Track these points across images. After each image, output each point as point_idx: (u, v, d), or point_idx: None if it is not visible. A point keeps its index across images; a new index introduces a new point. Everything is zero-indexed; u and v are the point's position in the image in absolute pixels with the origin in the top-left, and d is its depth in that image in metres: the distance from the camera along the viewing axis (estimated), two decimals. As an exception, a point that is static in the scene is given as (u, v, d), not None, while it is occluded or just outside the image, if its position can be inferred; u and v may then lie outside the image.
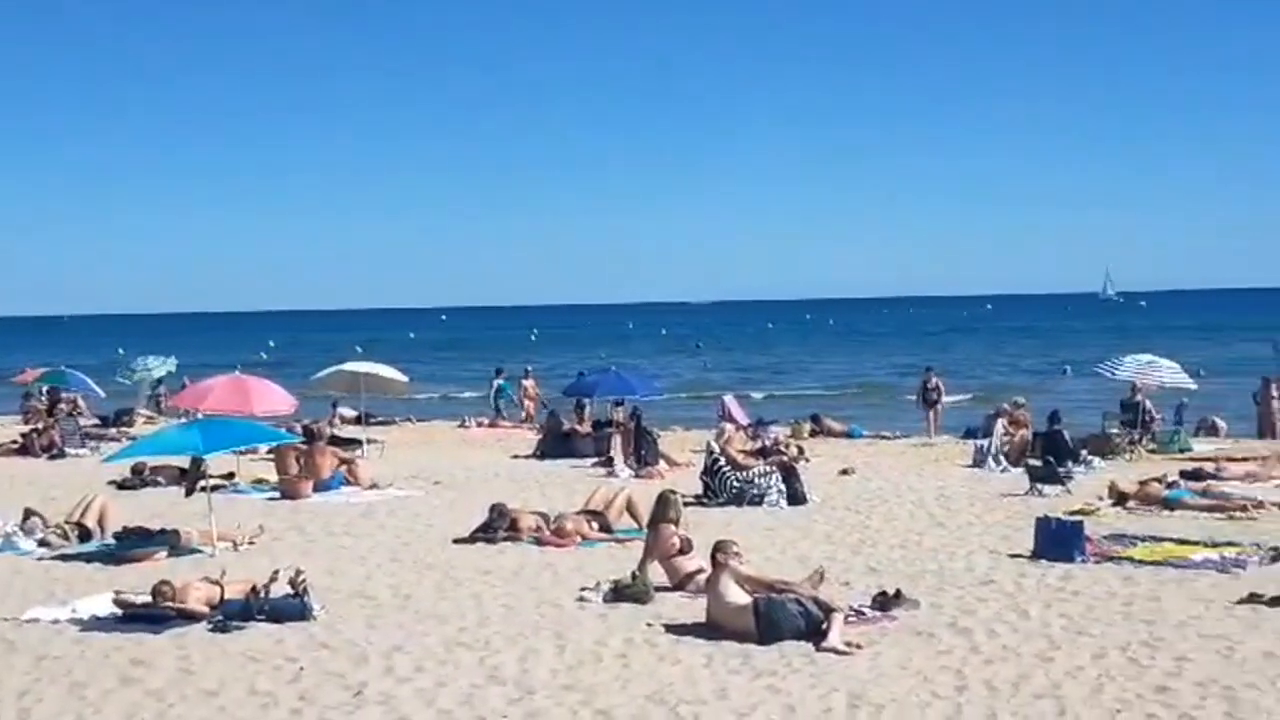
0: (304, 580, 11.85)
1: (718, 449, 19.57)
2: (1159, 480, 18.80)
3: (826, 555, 14.53)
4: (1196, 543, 14.82)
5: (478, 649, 10.69)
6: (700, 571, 12.33)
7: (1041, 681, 9.54)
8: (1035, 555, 14.22)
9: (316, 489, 20.17)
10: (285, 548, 15.55)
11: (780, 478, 18.87)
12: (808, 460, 23.59)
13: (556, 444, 26.21)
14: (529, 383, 33.96)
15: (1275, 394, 27.75)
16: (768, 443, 24.38)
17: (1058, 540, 14.24)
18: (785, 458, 20.54)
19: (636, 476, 22.02)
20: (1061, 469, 20.55)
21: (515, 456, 26.34)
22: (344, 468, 21.10)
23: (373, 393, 29.77)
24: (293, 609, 11.59)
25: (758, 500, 18.46)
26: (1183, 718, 8.67)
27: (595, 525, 15.88)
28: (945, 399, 32.52)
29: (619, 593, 12.27)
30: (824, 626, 10.59)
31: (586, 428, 27.41)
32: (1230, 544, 14.69)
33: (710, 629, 11.07)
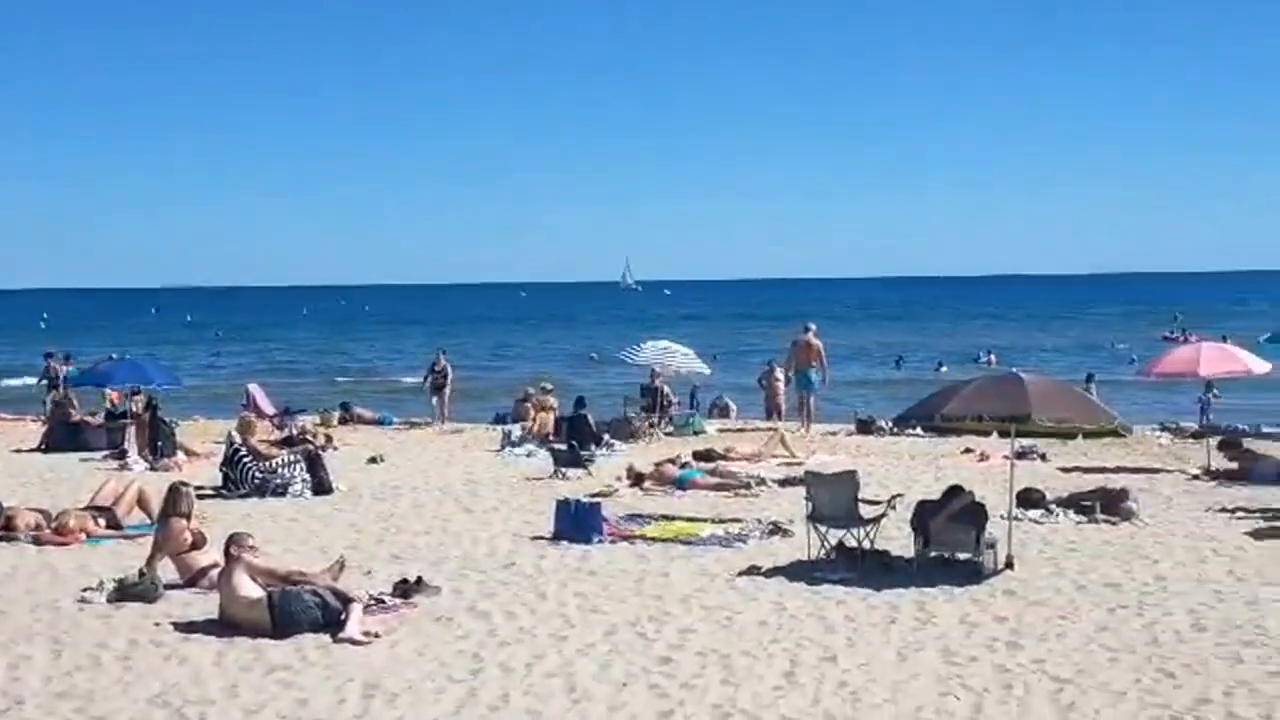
0: None
1: (239, 439, 18.89)
2: (673, 461, 19.72)
3: (350, 544, 14.33)
4: (705, 520, 15.62)
5: (-41, 660, 9.81)
6: (214, 566, 11.86)
7: (555, 660, 9.76)
8: (556, 537, 14.58)
9: None
10: None
11: (305, 467, 18.47)
12: (336, 449, 23.26)
13: (64, 435, 24.53)
14: None
15: (779, 378, 29.66)
16: (294, 431, 23.85)
17: (577, 522, 14.65)
18: (311, 447, 20.08)
19: (152, 469, 20.96)
20: (585, 452, 21.20)
21: (17, 450, 24.44)
22: None
23: None
24: None
25: (281, 491, 17.97)
26: (683, 686, 9.08)
27: (102, 521, 14.95)
28: (454, 386, 31.57)
29: (124, 591, 11.60)
30: (342, 617, 10.43)
31: (99, 418, 25.82)
32: (734, 520, 15.58)
33: (223, 625, 10.66)
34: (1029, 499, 15.95)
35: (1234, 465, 19.45)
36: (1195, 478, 19.21)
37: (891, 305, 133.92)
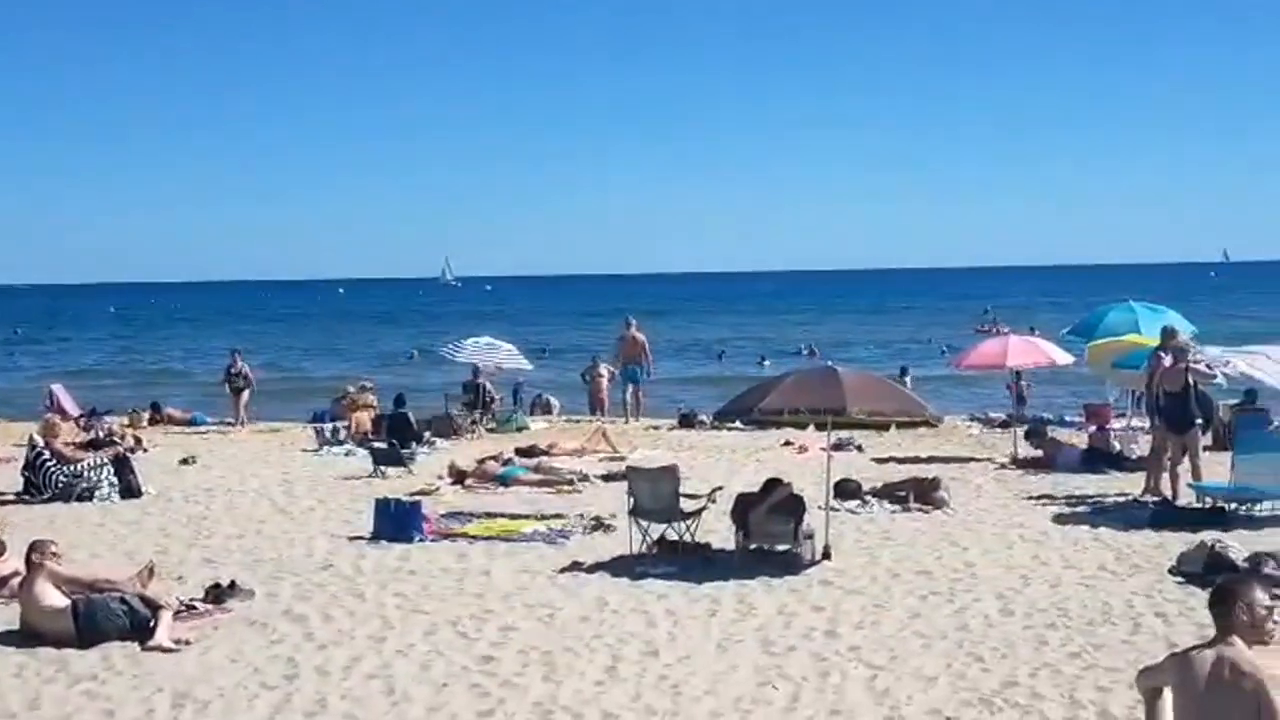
0: None
1: (41, 441, 18.19)
2: (495, 458, 19.61)
3: (160, 549, 13.93)
4: (527, 517, 15.56)
5: None
6: (15, 575, 11.39)
7: (373, 662, 9.61)
8: (375, 537, 14.36)
9: None
10: None
11: (113, 470, 17.89)
12: (145, 450, 22.59)
13: None
14: None
15: (602, 373, 29.77)
16: (101, 433, 23.10)
17: (397, 521, 14.45)
18: (119, 448, 19.44)
19: (-52, 474, 20.06)
20: (405, 450, 20.94)
21: None
22: None
23: None
24: None
25: (87, 495, 17.37)
26: (504, 685, 9.02)
27: (-107, 530, 14.24)
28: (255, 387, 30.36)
29: (-83, 604, 11.07)
30: (151, 624, 10.11)
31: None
32: (557, 516, 15.55)
33: (25, 636, 10.26)
34: (845, 490, 16.27)
35: (1039, 453, 20.13)
36: (1003, 466, 19.83)
37: (712, 300, 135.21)
